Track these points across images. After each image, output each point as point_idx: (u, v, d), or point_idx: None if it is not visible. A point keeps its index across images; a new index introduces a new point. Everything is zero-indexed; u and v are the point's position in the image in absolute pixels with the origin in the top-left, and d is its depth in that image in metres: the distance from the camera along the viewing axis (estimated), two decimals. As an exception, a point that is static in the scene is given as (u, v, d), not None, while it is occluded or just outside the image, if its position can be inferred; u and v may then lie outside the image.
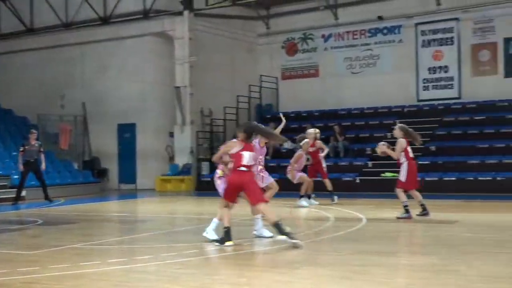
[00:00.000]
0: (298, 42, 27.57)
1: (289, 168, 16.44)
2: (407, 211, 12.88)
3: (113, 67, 26.34)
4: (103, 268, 8.04)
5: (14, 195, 19.73)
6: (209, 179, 24.26)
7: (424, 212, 13.02)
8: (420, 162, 21.50)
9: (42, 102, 27.17)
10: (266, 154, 12.57)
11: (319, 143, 17.09)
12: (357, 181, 21.63)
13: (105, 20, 26.42)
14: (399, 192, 13.01)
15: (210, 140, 25.71)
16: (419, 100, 25.17)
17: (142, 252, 9.72)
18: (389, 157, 13.50)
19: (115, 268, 8.08)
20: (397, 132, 13.30)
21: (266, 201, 9.68)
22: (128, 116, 25.79)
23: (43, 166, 19.51)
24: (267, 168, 12.45)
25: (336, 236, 10.89)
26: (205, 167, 24.86)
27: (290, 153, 24.09)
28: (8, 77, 28.51)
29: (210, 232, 9.85)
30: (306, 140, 16.54)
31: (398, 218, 12.85)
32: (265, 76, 27.41)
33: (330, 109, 26.04)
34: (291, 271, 7.69)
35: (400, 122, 23.54)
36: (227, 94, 26.26)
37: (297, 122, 25.75)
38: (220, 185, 10.36)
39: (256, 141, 10.50)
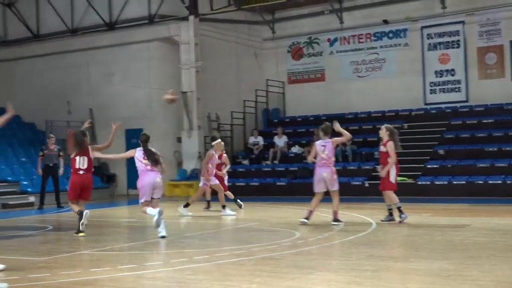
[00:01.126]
0: (304, 46, 27.56)
1: (203, 170, 16.24)
2: (391, 214, 13.12)
3: (119, 72, 26.38)
4: (114, 275, 8.02)
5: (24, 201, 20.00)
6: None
7: (391, 217, 13.15)
8: (428, 166, 21.56)
9: (49, 108, 27.21)
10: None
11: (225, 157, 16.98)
12: (366, 185, 21.56)
13: (110, 26, 26.49)
14: (391, 194, 13.00)
15: (217, 145, 25.65)
16: (426, 104, 25.13)
17: (152, 258, 9.72)
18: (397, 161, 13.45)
19: (126, 274, 8.06)
20: (383, 132, 13.29)
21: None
22: (135, 121, 25.75)
23: (61, 171, 19.59)
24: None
25: (346, 241, 10.85)
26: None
27: (297, 157, 24.16)
28: (15, 83, 28.61)
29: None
30: (218, 140, 16.54)
31: (383, 220, 13.06)
32: (271, 80, 27.40)
33: (337, 113, 25.96)
34: (302, 277, 7.65)
35: (408, 126, 23.74)
36: (233, 99, 26.28)
37: (304, 127, 25.77)
38: None
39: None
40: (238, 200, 17.23)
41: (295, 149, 24.77)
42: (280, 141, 24.85)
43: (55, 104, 27.21)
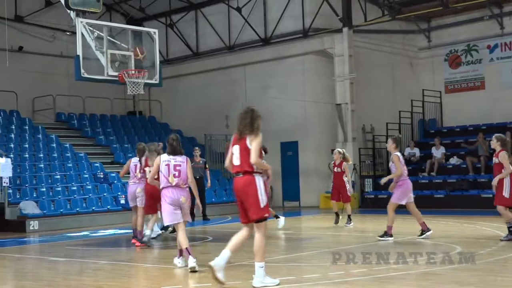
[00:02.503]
0: (462, 54, 26.68)
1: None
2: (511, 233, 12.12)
3: (274, 86, 26.84)
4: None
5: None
6: (373, 196, 24.11)
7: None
8: None
9: (208, 123, 28.23)
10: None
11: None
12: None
13: (266, 41, 27.06)
14: (503, 210, 12.13)
15: (372, 157, 25.48)
16: None
17: (309, 270, 9.78)
18: None
19: (284, 286, 8.17)
20: (494, 143, 12.43)
21: None
22: (290, 134, 26.16)
23: (208, 183, 20.10)
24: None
25: (511, 257, 10.36)
26: (368, 184, 24.67)
27: (455, 169, 23.35)
28: (176, 99, 29.95)
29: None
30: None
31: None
32: (428, 90, 26.75)
33: (498, 122, 24.93)
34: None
35: None
36: (388, 110, 25.93)
37: (463, 137, 24.92)
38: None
39: None
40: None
41: (453, 160, 24.01)
42: (438, 152, 24.19)
43: (214, 118, 28.16)
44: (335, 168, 16.93)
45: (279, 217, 16.42)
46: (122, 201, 20.75)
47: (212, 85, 28.76)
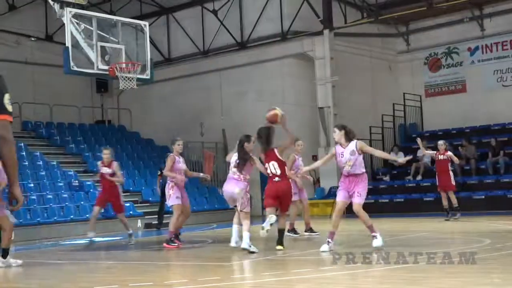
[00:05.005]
0: (442, 57, 26.36)
1: None
2: None
3: (251, 91, 26.05)
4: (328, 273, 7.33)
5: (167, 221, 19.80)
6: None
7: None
8: None
9: (182, 131, 27.12)
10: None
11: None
12: (525, 198, 20.10)
13: (242, 45, 26.29)
14: None
15: (355, 162, 24.78)
16: None
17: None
18: None
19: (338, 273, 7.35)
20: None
21: None
22: (269, 140, 25.27)
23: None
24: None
25: None
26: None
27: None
28: (147, 107, 28.89)
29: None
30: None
31: None
32: (408, 94, 26.32)
33: (482, 125, 24.62)
34: None
35: None
36: (369, 114, 25.39)
37: (447, 140, 24.41)
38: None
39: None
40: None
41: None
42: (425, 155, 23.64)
43: (189, 126, 27.17)
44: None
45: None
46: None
47: (185, 91, 27.79)
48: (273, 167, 10.34)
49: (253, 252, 9.82)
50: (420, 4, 23.35)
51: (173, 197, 12.20)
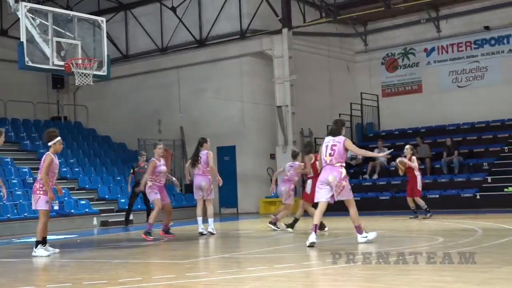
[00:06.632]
0: (399, 58, 26.67)
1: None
2: None
3: (210, 89, 25.95)
4: (283, 271, 7.33)
5: (123, 219, 19.77)
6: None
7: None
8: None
9: (139, 128, 26.99)
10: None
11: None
12: (478, 197, 20.41)
13: (201, 43, 26.18)
14: None
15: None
16: (533, 113, 23.83)
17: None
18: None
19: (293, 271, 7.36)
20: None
21: None
22: (227, 138, 25.25)
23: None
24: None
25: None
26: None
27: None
28: (104, 104, 28.58)
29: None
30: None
31: None
32: (365, 93, 26.55)
33: (437, 125, 24.97)
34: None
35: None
36: (327, 113, 25.50)
37: (403, 140, 24.75)
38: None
39: None
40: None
41: (395, 162, 23.74)
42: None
43: (146, 123, 26.99)
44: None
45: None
46: (56, 207, 19.32)
47: (143, 89, 27.57)
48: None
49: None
50: (378, 4, 23.54)
51: (152, 193, 13.94)
